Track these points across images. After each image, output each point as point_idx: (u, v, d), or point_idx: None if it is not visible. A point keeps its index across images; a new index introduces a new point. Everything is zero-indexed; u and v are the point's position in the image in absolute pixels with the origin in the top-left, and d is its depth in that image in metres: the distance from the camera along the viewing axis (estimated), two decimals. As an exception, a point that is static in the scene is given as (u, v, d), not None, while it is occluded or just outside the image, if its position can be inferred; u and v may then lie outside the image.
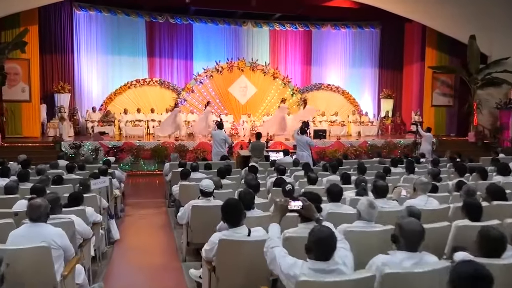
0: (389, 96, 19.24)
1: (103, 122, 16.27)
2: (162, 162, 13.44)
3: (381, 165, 9.75)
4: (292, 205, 3.20)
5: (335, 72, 20.07)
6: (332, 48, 20.11)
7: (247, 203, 4.21)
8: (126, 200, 9.77)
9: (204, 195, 5.33)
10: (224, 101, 18.45)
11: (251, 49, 19.47)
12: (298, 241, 3.22)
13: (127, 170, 13.23)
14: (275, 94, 18.87)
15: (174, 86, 18.37)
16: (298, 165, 9.35)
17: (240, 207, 3.51)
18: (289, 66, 19.84)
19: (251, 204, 4.39)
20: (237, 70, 18.50)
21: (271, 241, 3.04)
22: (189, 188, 7.02)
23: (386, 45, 19.81)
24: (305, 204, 3.22)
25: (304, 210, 3.23)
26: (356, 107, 19.50)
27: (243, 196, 4.33)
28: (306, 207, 3.22)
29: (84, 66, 17.74)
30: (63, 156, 9.91)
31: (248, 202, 4.28)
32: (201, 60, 18.82)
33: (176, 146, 13.75)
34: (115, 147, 13.41)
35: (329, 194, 4.81)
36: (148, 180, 12.88)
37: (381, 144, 15.06)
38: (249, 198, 4.36)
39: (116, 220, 7.66)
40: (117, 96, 17.81)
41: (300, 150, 11.18)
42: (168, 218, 8.21)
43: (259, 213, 4.50)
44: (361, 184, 5.86)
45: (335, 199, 4.77)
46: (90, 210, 5.21)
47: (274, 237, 3.07)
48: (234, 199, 3.64)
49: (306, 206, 3.22)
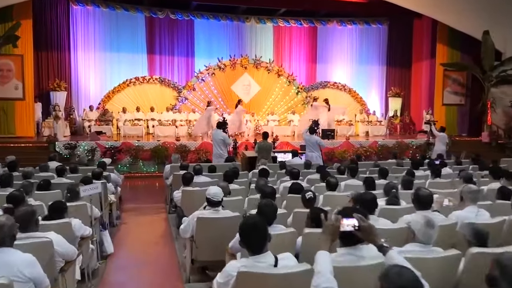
0: (398, 94, 18.43)
1: (100, 121, 15.45)
2: (162, 163, 12.62)
3: (399, 168, 8.96)
4: (345, 225, 2.36)
5: (341, 69, 19.27)
6: (338, 45, 19.30)
7: (269, 217, 3.40)
8: (123, 205, 8.94)
9: (212, 204, 4.51)
10: (227, 100, 17.65)
11: (255, 46, 18.67)
12: (339, 272, 2.40)
13: (125, 172, 12.42)
14: (279, 92, 18.07)
15: (175, 84, 17.56)
16: (310, 167, 8.54)
17: (264, 229, 2.65)
18: (294, 64, 19.02)
19: (274, 218, 3.58)
20: (240, 67, 17.72)
21: (321, 278, 2.23)
22: (192, 194, 6.20)
23: (394, 42, 19.01)
24: (363, 225, 2.38)
25: (361, 232, 2.39)
26: (363, 106, 18.70)
27: (264, 208, 3.51)
28: (365, 228, 2.39)
29: (81, 63, 16.93)
30: (55, 157, 9.07)
31: (270, 216, 3.47)
32: (203, 57, 18.03)
33: (177, 147, 12.93)
34: (113, 148, 12.58)
35: (361, 204, 3.98)
36: (148, 183, 12.05)
37: (392, 145, 14.24)
38: (271, 211, 3.56)
39: (111, 229, 6.85)
40: (115, 94, 17.00)
41: (309, 151, 10.37)
42: (169, 226, 7.39)
43: (280, 229, 3.68)
44: (392, 191, 5.05)
45: (369, 210, 3.95)
46: (77, 223, 4.40)
47: (326, 272, 2.25)
48: (256, 218, 2.76)
49: (365, 226, 2.38)
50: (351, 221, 2.34)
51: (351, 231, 2.36)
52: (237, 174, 7.01)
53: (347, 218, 2.34)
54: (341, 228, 2.34)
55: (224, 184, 5.31)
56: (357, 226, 2.34)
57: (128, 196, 9.83)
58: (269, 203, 3.66)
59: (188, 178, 6.28)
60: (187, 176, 6.28)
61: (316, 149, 10.33)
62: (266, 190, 4.69)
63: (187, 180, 6.27)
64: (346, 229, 2.34)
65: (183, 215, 5.42)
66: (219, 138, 10.19)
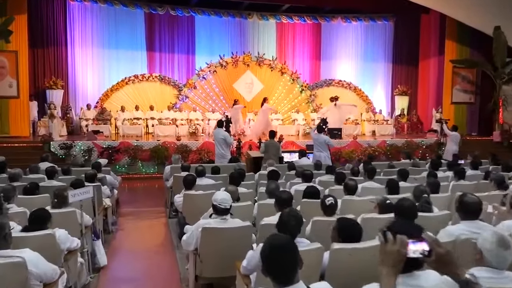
0: (404, 93, 17.80)
1: (98, 120, 14.82)
2: (162, 164, 11.99)
3: (415, 168, 8.32)
4: (412, 250, 1.69)
5: (346, 67, 18.62)
6: (342, 42, 18.66)
7: (294, 231, 2.79)
8: (120, 209, 8.32)
9: (219, 212, 3.87)
10: (229, 98, 17.00)
11: (257, 43, 18.03)
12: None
13: (123, 173, 11.80)
14: (283, 90, 17.44)
15: (175, 82, 16.92)
16: (320, 168, 7.91)
17: (294, 252, 1.97)
18: (297, 61, 18.38)
19: (299, 232, 2.95)
20: (242, 65, 17.09)
21: None
22: (195, 198, 5.57)
23: (400, 39, 18.37)
24: (440, 251, 1.71)
25: (436, 261, 1.72)
26: (369, 104, 18.06)
27: (289, 221, 2.89)
28: (441, 256, 1.71)
29: (78, 60, 16.28)
30: (47, 158, 8.42)
31: (296, 230, 2.85)
32: (204, 55, 17.40)
33: (178, 147, 12.29)
34: (110, 148, 11.95)
35: (398, 213, 3.37)
36: (147, 184, 11.42)
37: (401, 144, 13.60)
38: (296, 224, 2.93)
39: (106, 236, 6.23)
40: (113, 93, 16.37)
41: (317, 151, 9.73)
42: (169, 232, 6.76)
43: (305, 245, 3.04)
44: (423, 196, 4.41)
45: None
46: (63, 234, 3.77)
47: None
48: (283, 238, 2.04)
49: (441, 253, 1.71)
50: (421, 245, 1.68)
51: (423, 258, 1.70)
52: (243, 176, 6.37)
53: (414, 242, 1.69)
54: (408, 254, 1.69)
55: (233, 188, 4.67)
56: (428, 252, 1.68)
57: (125, 199, 9.21)
58: (294, 213, 3.04)
59: (190, 181, 5.64)
60: (189, 179, 5.64)
61: (324, 149, 9.71)
62: (282, 196, 4.04)
63: (189, 183, 5.63)
64: (413, 256, 1.69)
65: (185, 223, 4.79)
66: (220, 138, 9.54)
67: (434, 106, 16.83)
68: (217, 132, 9.69)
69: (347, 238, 3.09)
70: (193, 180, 5.66)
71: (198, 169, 6.63)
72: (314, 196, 4.92)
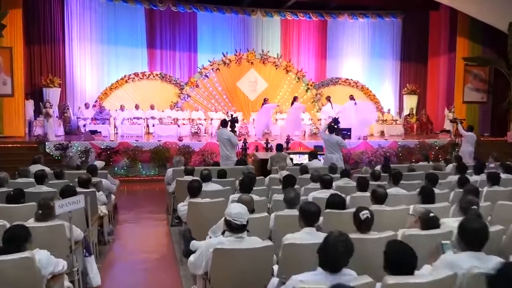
0: (413, 91, 17.11)
1: (96, 120, 14.14)
2: (163, 165, 11.32)
3: (437, 172, 7.62)
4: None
5: (352, 65, 17.91)
6: (349, 39, 17.96)
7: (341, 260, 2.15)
8: (118, 215, 7.65)
9: (234, 229, 3.19)
10: (232, 97, 16.36)
11: (261, 40, 17.34)
12: None
13: (122, 175, 11.13)
14: (288, 89, 16.77)
15: (177, 80, 16.23)
16: (336, 171, 7.22)
17: None
18: (302, 59, 17.69)
19: (346, 262, 2.29)
20: (246, 62, 16.42)
21: None
22: (201, 207, 4.89)
23: (408, 36, 17.69)
24: None
25: None
26: (376, 103, 17.35)
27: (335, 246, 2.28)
28: None
29: (76, 57, 15.59)
30: (39, 160, 7.74)
31: (343, 258, 2.21)
32: (206, 52, 16.71)
33: (180, 148, 11.61)
34: (108, 148, 11.26)
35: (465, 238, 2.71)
36: (147, 188, 10.74)
37: (413, 145, 12.91)
38: (345, 251, 2.30)
39: (101, 248, 5.56)
40: (113, 91, 15.68)
41: (329, 152, 9.05)
42: (172, 243, 6.09)
43: (352, 278, 2.36)
44: (472, 208, 3.73)
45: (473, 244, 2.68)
46: (44, 257, 3.10)
47: None
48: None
49: None
50: None
51: None
52: (254, 181, 5.67)
53: None
54: None
55: (247, 198, 3.99)
56: None
57: (124, 204, 8.53)
58: (344, 238, 2.38)
59: (196, 188, 4.96)
60: (194, 186, 4.95)
61: (336, 150, 9.02)
62: (310, 209, 3.36)
63: (195, 190, 4.94)
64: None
65: (190, 238, 4.12)
66: (224, 138, 8.83)
67: (444, 106, 16.17)
68: (221, 132, 9.00)
69: (400, 267, 2.42)
70: (199, 187, 4.97)
71: (204, 173, 5.93)
72: (339, 206, 4.25)
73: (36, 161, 7.73)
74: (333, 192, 4.79)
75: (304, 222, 3.37)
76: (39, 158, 7.81)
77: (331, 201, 4.27)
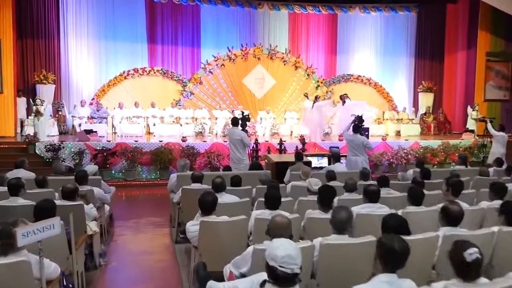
0: (430, 89, 15.97)
1: (93, 118, 12.99)
2: (165, 168, 10.19)
3: (484, 178, 6.50)
4: None
5: (364, 61, 16.74)
6: (360, 34, 16.78)
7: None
8: (113, 227, 6.51)
9: (281, 281, 2.04)
10: (238, 95, 15.23)
11: (267, 35, 16.16)
12: None
13: (120, 179, 10.02)
14: (296, 86, 15.63)
15: (179, 77, 15.06)
16: (368, 177, 6.09)
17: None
18: (311, 55, 16.52)
19: None
20: (252, 58, 15.29)
21: None
22: (217, 229, 3.75)
23: (424, 31, 16.53)
24: None
25: None
26: (390, 102, 16.22)
27: None
28: None
29: (72, 53, 14.43)
30: (22, 164, 6.60)
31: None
32: (210, 47, 15.54)
33: (184, 149, 10.43)
34: (105, 150, 10.10)
35: None
36: (148, 193, 9.60)
37: (437, 146, 11.76)
38: None
39: (90, 275, 4.41)
40: (111, 88, 14.52)
41: (352, 155, 7.93)
42: (177, 267, 4.94)
43: None
44: None
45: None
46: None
47: None
48: None
49: None
50: None
51: None
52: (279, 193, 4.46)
53: None
54: None
55: (285, 221, 2.85)
56: None
57: (121, 213, 7.39)
58: None
59: (210, 203, 3.81)
60: (208, 200, 3.80)
61: (361, 152, 7.91)
62: (393, 247, 2.21)
63: (209, 205, 3.79)
64: None
65: (206, 276, 2.95)
66: (236, 138, 7.71)
67: (462, 104, 15.05)
68: (232, 132, 7.87)
69: None
70: (214, 202, 3.82)
71: (217, 182, 4.80)
72: (401, 230, 3.10)
73: (19, 165, 6.59)
74: (390, 211, 3.65)
75: (383, 264, 2.23)
76: (22, 161, 6.66)
77: (391, 224, 3.13)
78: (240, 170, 7.13)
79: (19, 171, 6.43)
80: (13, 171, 6.47)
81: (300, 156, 7.48)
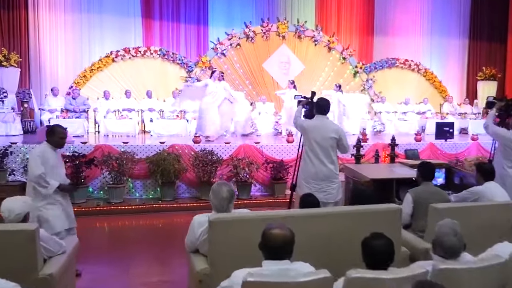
0: (493, 77, 12.54)
1: (68, 111, 9.25)
2: (169, 183, 6.45)
3: None
4: None
5: (407, 44, 13.29)
6: (403, 12, 13.33)
7: None
8: None
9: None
10: (257, 83, 11.62)
11: (290, 12, 12.61)
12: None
13: (100, 200, 6.27)
14: (330, 73, 12.03)
15: (183, 60, 11.40)
16: None
17: None
18: (343, 36, 12.98)
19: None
20: (275, 36, 11.66)
21: None
22: None
23: (480, 8, 13.25)
24: None
25: None
26: (443, 92, 12.73)
27: None
28: None
29: (44, 28, 10.93)
30: None
31: None
32: (219, 25, 12.10)
33: (198, 155, 6.66)
34: (77, 156, 6.30)
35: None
36: (143, 224, 5.85)
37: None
38: None
39: None
40: (94, 73, 10.86)
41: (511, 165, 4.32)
42: None
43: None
44: None
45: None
46: None
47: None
48: None
49: None
50: None
51: None
52: None
53: None
54: None
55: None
56: None
57: (100, 263, 3.66)
58: None
59: None
60: None
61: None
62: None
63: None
64: None
65: None
66: (330, 136, 3.81)
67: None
68: (322, 124, 3.94)
69: None
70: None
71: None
72: None
73: None
74: None
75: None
76: None
77: None
78: (328, 200, 3.46)
79: None
80: None
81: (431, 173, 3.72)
